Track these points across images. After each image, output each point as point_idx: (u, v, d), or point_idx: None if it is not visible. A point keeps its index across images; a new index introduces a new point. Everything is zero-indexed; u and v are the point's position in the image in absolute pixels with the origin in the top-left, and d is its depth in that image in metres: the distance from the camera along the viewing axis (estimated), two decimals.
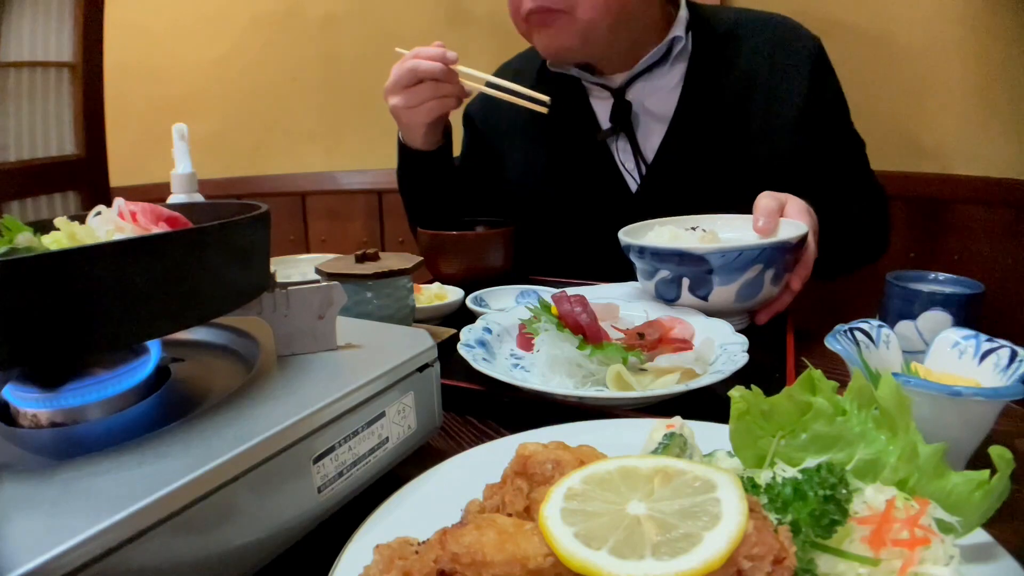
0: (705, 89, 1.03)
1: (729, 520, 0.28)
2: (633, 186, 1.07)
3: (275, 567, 0.37)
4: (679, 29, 1.03)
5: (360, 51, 1.94)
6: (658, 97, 1.05)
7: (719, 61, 1.03)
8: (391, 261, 0.72)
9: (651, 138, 1.06)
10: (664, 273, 0.75)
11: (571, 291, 0.69)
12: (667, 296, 0.76)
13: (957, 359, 0.51)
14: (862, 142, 1.06)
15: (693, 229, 0.86)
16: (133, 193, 0.51)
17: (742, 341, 0.65)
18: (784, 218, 0.78)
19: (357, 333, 0.51)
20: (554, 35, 0.99)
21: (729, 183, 1.00)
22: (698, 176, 1.02)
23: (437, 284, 0.92)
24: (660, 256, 0.74)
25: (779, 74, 1.01)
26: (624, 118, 1.06)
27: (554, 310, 0.66)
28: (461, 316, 0.82)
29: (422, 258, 0.75)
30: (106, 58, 1.64)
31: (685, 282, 0.73)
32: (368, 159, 1.99)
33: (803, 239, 0.73)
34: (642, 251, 0.75)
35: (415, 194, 1.16)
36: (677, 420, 0.42)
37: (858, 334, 0.52)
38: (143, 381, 0.42)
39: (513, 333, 0.73)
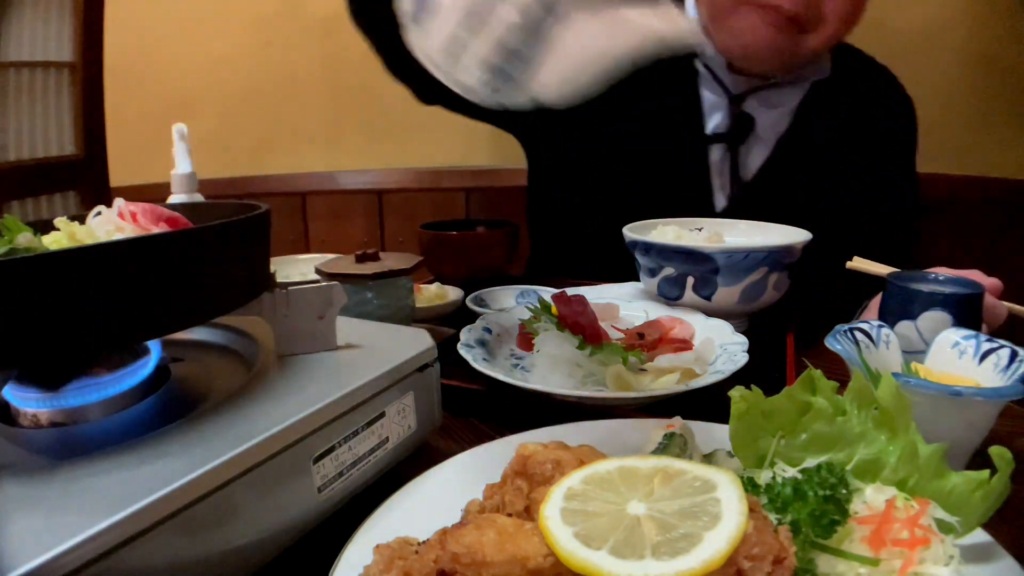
0: (816, 119, 0.98)
1: (729, 520, 0.28)
2: (719, 204, 0.99)
3: (275, 567, 0.37)
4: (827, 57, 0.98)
5: (361, 51, 1.93)
6: (771, 116, 0.97)
7: (834, 94, 0.99)
8: (391, 261, 0.72)
9: (752, 157, 0.98)
10: (669, 271, 0.75)
11: (571, 291, 0.69)
12: (670, 295, 0.76)
13: (957, 359, 0.51)
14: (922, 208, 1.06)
15: (699, 230, 0.86)
16: (133, 193, 0.51)
17: (742, 341, 0.65)
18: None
19: (357, 333, 0.51)
20: (777, 42, 0.86)
21: (813, 221, 0.85)
22: (787, 209, 0.90)
23: (437, 284, 0.92)
24: (666, 254, 0.74)
25: (881, 128, 1.01)
26: (742, 133, 0.97)
27: (554, 310, 0.66)
28: (461, 316, 0.82)
29: (422, 258, 0.75)
30: (106, 58, 1.64)
31: (689, 281, 0.73)
32: (368, 159, 2.00)
33: (806, 243, 0.73)
34: (648, 248, 0.75)
35: None
36: (677, 420, 0.42)
37: (858, 334, 0.52)
38: (143, 381, 0.42)
39: (513, 333, 0.73)
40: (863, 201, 1.00)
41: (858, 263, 0.70)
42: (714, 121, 0.99)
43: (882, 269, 0.68)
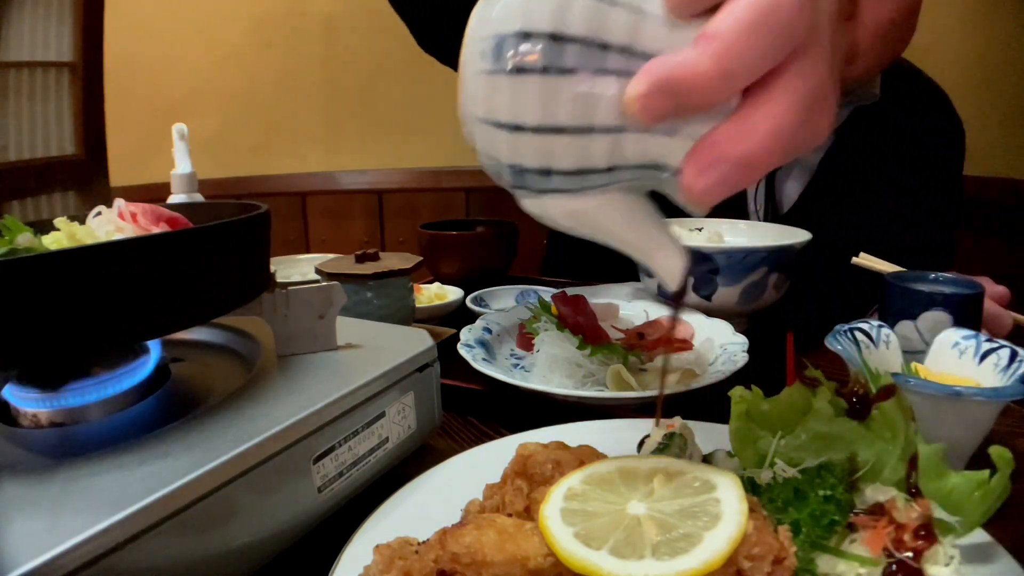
0: (859, 142, 0.92)
1: (729, 520, 0.28)
2: None
3: (275, 567, 0.37)
4: None
5: (360, 51, 1.95)
6: None
7: (878, 114, 0.92)
8: (391, 261, 0.72)
9: (789, 184, 0.94)
10: None
11: (571, 291, 0.69)
12: (670, 295, 0.76)
13: (957, 359, 0.51)
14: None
15: (699, 230, 0.86)
16: (133, 193, 0.51)
17: (742, 341, 0.65)
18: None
19: (357, 333, 0.51)
20: None
21: (851, 248, 0.79)
22: (825, 237, 0.81)
23: (437, 284, 0.92)
24: None
25: (927, 151, 0.95)
26: None
27: (554, 310, 0.66)
28: (461, 316, 0.82)
29: (422, 258, 0.75)
30: (106, 58, 1.64)
31: (689, 281, 0.73)
32: (368, 159, 2.00)
33: (807, 244, 0.73)
34: None
35: None
36: (677, 420, 0.42)
37: (858, 334, 0.52)
38: (143, 381, 0.42)
39: (513, 333, 0.73)
40: (904, 227, 0.94)
41: (864, 259, 0.70)
42: None
43: (886, 267, 0.68)
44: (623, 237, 0.30)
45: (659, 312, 0.75)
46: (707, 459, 0.39)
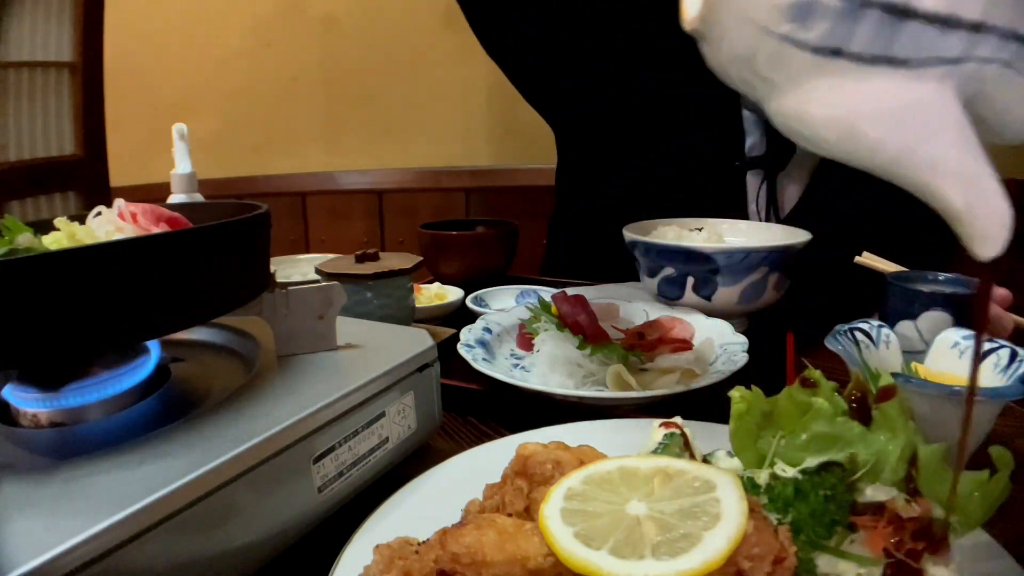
0: None
1: (729, 520, 0.28)
2: None
3: (275, 567, 0.37)
4: None
5: (360, 51, 1.94)
6: None
7: None
8: (391, 261, 0.72)
9: (791, 185, 0.93)
10: (668, 271, 0.75)
11: (571, 291, 0.69)
12: (670, 295, 0.76)
13: (957, 359, 0.51)
14: None
15: (699, 230, 0.86)
16: (133, 193, 0.51)
17: (742, 341, 0.65)
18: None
19: (357, 333, 0.51)
20: None
21: (854, 246, 0.77)
22: (828, 238, 0.79)
23: (437, 284, 0.92)
24: (666, 254, 0.74)
25: None
26: (781, 158, 0.89)
27: (554, 310, 0.66)
28: (461, 316, 0.82)
29: (422, 258, 0.75)
30: (106, 58, 1.64)
31: (689, 281, 0.73)
32: (368, 159, 2.00)
33: (807, 244, 0.73)
34: (648, 248, 0.75)
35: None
36: (677, 420, 0.42)
37: (858, 334, 0.52)
38: (143, 381, 0.42)
39: (513, 333, 0.73)
40: (904, 227, 0.89)
41: (867, 259, 0.70)
42: (750, 141, 0.93)
43: (887, 267, 0.68)
44: (945, 157, 0.22)
45: (659, 312, 0.75)
46: (707, 459, 0.39)
